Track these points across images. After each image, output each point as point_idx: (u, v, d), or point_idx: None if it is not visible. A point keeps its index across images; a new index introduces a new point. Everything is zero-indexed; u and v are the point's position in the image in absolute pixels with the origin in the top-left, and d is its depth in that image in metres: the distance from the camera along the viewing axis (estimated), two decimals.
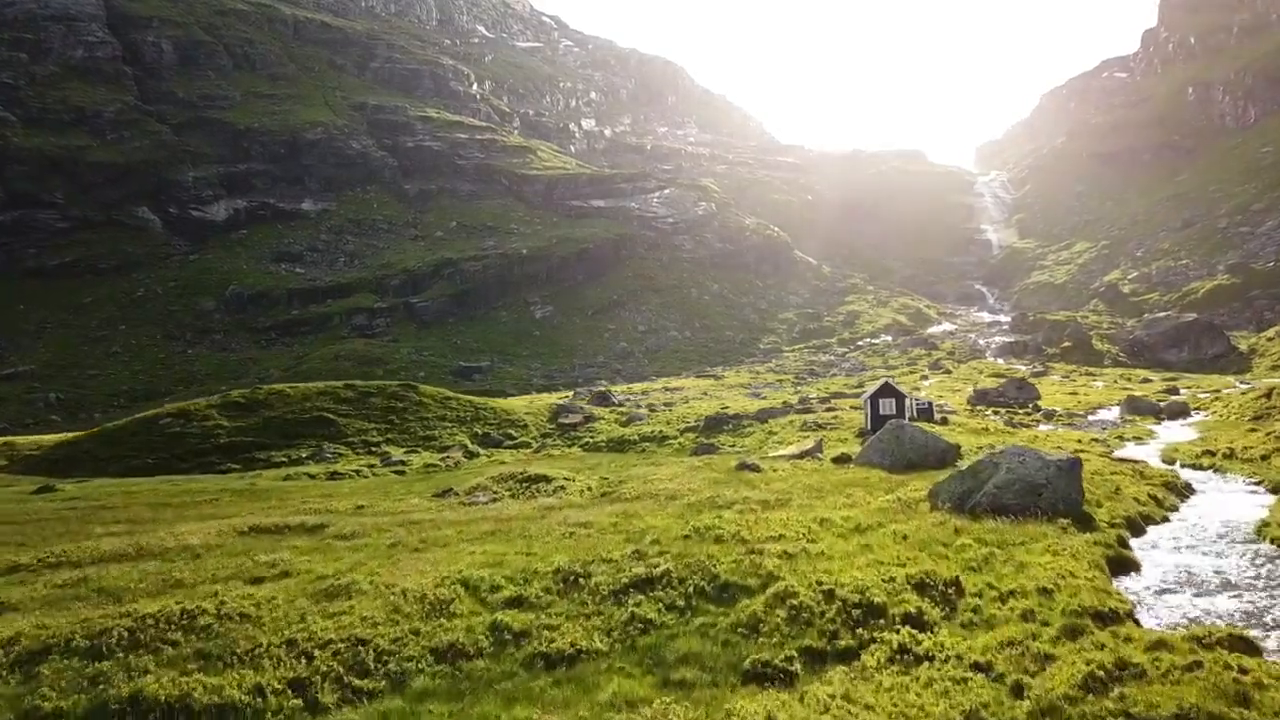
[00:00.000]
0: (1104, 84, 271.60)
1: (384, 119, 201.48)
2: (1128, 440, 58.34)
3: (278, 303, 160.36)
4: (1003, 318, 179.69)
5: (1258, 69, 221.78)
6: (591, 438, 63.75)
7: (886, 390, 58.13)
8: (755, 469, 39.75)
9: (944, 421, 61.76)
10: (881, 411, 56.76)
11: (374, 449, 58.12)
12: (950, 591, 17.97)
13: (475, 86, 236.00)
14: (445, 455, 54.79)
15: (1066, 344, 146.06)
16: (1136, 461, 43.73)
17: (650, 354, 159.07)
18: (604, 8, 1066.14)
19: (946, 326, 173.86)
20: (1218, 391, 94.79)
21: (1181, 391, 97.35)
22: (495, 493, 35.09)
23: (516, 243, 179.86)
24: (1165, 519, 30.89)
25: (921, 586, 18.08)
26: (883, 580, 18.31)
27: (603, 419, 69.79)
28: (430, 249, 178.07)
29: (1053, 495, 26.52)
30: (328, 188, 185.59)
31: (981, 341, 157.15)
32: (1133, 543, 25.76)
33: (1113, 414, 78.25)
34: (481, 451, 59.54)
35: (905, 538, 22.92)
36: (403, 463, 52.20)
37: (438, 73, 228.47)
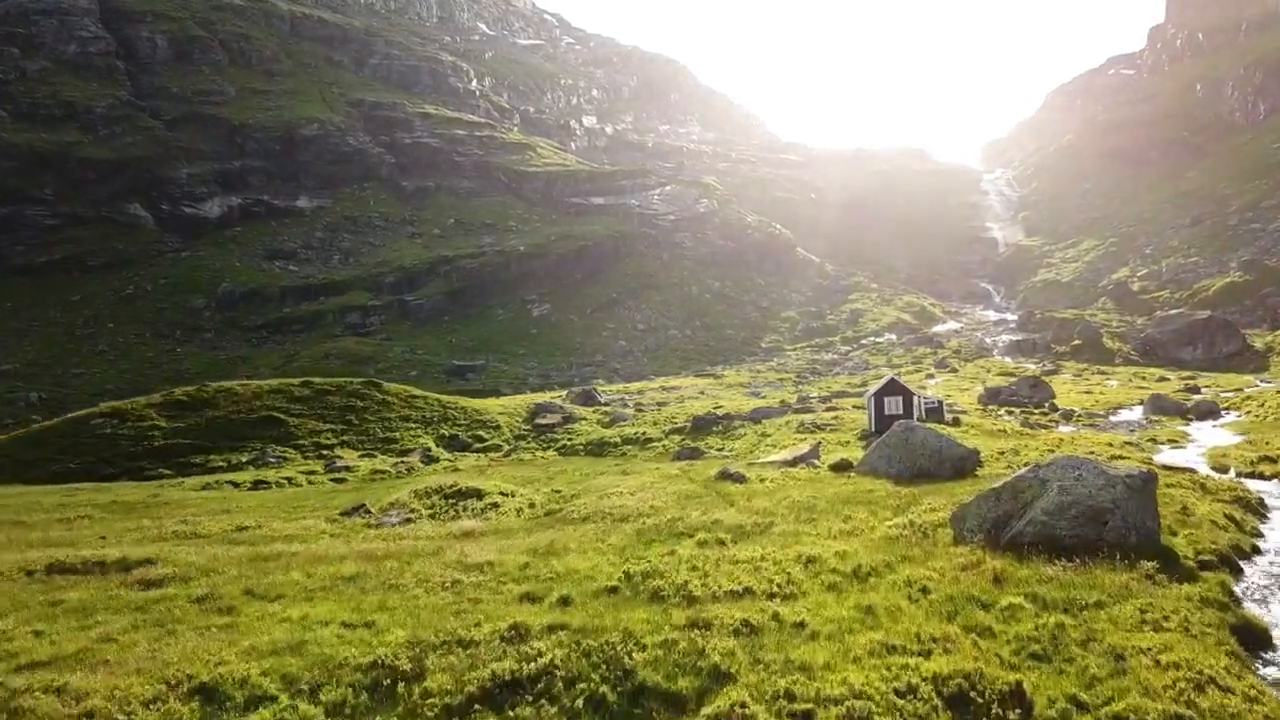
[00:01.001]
0: (1110, 81, 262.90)
1: (381, 115, 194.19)
2: (1162, 443, 50.54)
3: (270, 301, 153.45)
4: (1009, 316, 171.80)
5: (1268, 65, 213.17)
6: (569, 440, 56.28)
7: (892, 387, 50.45)
8: (738, 479, 32.24)
9: (955, 422, 54.18)
10: (887, 411, 49.16)
11: (325, 452, 50.79)
12: (1013, 718, 10.42)
13: (475, 83, 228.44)
14: (401, 460, 47.42)
15: (1076, 342, 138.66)
16: (1189, 470, 36.06)
17: (650, 353, 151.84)
18: (607, 6, 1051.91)
19: (952, 325, 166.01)
20: (1240, 390, 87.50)
21: (1203, 390, 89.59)
22: (412, 511, 27.73)
23: (515, 240, 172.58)
24: (1255, 549, 23.30)
25: (962, 703, 10.56)
26: (896, 691, 10.81)
27: (584, 419, 62.32)
28: (427, 246, 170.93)
29: (1122, 524, 18.96)
30: (324, 185, 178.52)
31: (988, 340, 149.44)
32: (1236, 589, 18.20)
33: (1136, 414, 70.74)
34: (445, 455, 52.17)
35: (925, 591, 15.42)
36: (348, 469, 44.79)
37: (436, 69, 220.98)
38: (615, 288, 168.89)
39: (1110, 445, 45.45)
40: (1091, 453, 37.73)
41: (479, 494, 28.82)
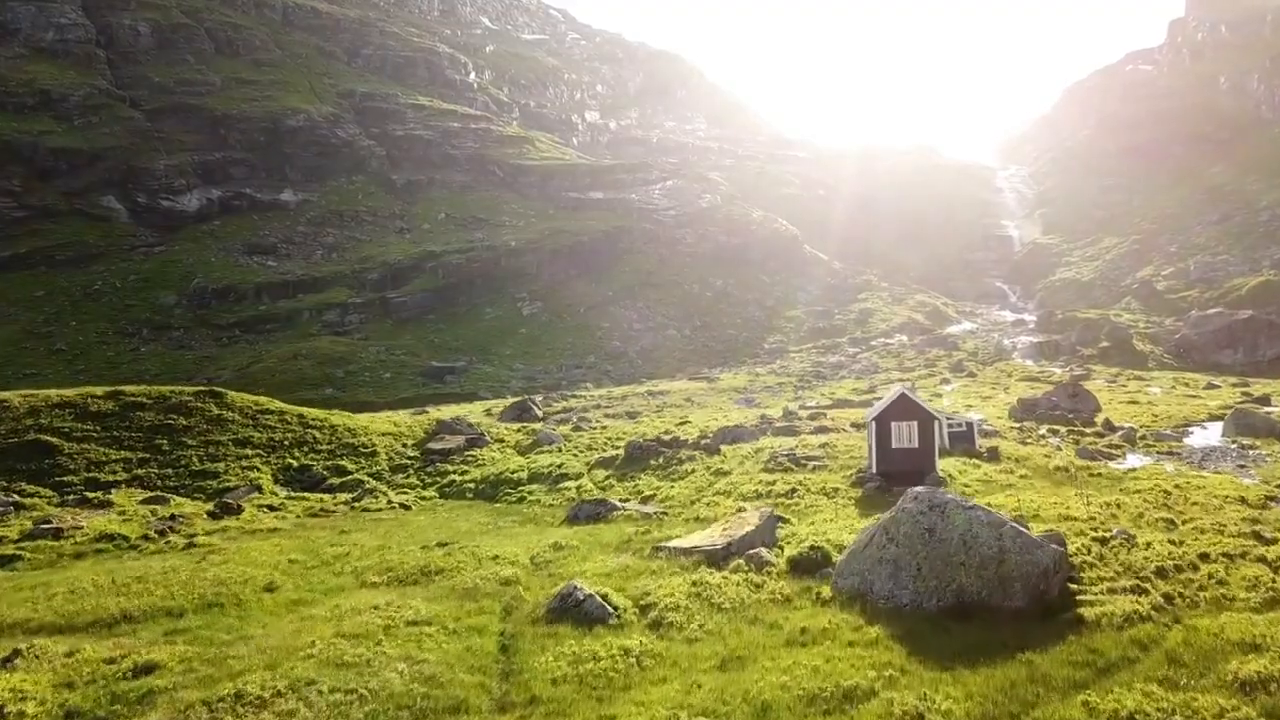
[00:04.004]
0: (1129, 77, 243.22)
1: (373, 107, 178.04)
2: None
3: (244, 298, 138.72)
4: (1027, 316, 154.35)
5: None
6: (461, 475, 39.87)
7: (902, 407, 32.77)
8: (595, 617, 15.61)
9: (993, 455, 36.91)
10: (895, 443, 32.00)
11: (94, 494, 34.37)
12: None
13: (473, 76, 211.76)
14: (178, 518, 30.42)
15: (1104, 344, 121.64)
16: None
17: (645, 354, 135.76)
18: (613, 1, 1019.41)
19: (967, 326, 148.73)
20: None
21: (1274, 402, 71.93)
22: None
23: (507, 235, 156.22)
24: None
25: None
26: None
27: (501, 441, 45.73)
28: (415, 242, 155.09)
29: None
30: (310, 178, 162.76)
31: (1007, 341, 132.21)
32: None
33: (1213, 434, 53.53)
34: (281, 495, 35.81)
35: None
36: (60, 532, 27.82)
37: (433, 61, 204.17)
38: (611, 285, 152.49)
39: (1244, 502, 28.08)
40: (1250, 537, 20.34)
41: None
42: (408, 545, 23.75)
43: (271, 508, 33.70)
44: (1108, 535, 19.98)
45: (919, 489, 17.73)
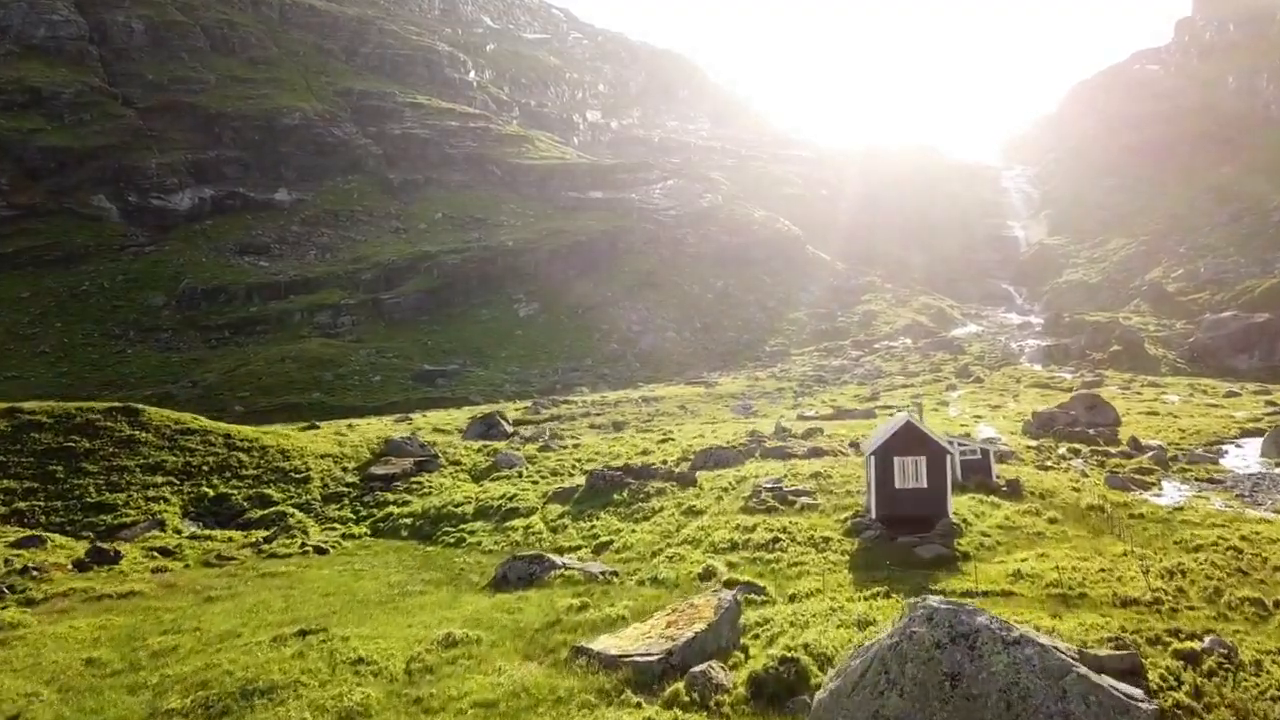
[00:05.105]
0: (1135, 75, 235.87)
1: (370, 105, 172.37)
2: None
3: (235, 299, 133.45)
4: (1034, 319, 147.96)
5: None
6: (401, 507, 34.37)
7: (907, 439, 26.62)
8: None
9: (1014, 489, 30.89)
10: (899, 482, 26.11)
11: None
12: None
13: (473, 74, 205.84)
14: (22, 572, 24.34)
15: (1115, 348, 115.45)
16: None
17: (643, 356, 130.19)
18: (616, 1, 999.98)
19: (972, 328, 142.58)
20: None
21: None
22: None
23: (505, 235, 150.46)
24: None
25: None
26: None
27: (456, 463, 40.17)
28: (410, 242, 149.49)
29: None
30: (305, 177, 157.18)
31: (1014, 345, 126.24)
32: None
33: (1249, 453, 47.96)
34: (183, 534, 30.22)
35: None
36: None
37: (432, 59, 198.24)
38: (611, 286, 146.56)
39: None
40: None
41: None
42: (261, 633, 18.00)
43: (164, 551, 28.15)
44: (1197, 647, 14.06)
45: (934, 601, 11.80)
